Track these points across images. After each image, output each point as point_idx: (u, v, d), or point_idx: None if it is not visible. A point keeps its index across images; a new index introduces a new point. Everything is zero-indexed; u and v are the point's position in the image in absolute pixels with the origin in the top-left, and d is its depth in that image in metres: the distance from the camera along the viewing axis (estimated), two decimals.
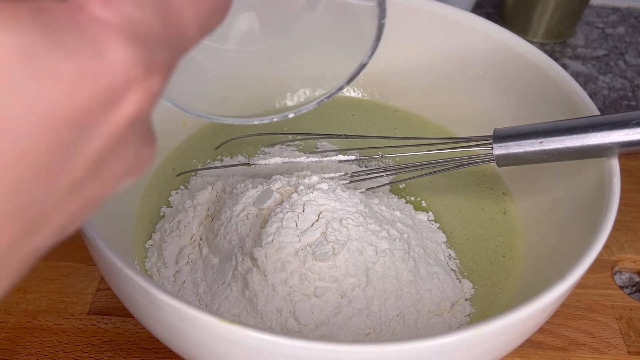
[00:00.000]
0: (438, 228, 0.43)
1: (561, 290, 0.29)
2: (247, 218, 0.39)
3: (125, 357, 0.38)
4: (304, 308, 0.34)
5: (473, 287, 0.40)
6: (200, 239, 0.40)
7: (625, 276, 0.48)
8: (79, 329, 0.40)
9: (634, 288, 0.47)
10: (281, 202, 0.39)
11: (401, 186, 0.46)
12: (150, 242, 0.41)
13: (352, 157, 0.43)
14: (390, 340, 0.35)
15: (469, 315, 0.38)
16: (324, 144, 0.50)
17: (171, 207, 0.44)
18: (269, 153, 0.48)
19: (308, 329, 0.34)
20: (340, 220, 0.37)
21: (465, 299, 0.39)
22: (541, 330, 0.41)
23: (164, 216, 0.43)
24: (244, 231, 0.38)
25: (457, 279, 0.40)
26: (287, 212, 0.37)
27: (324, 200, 0.38)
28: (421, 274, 0.38)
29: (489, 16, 0.48)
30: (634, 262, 0.47)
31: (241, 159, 0.48)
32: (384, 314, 0.35)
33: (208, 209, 0.42)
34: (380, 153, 0.49)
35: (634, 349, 0.41)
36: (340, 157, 0.43)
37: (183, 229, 0.41)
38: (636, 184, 0.52)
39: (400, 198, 0.45)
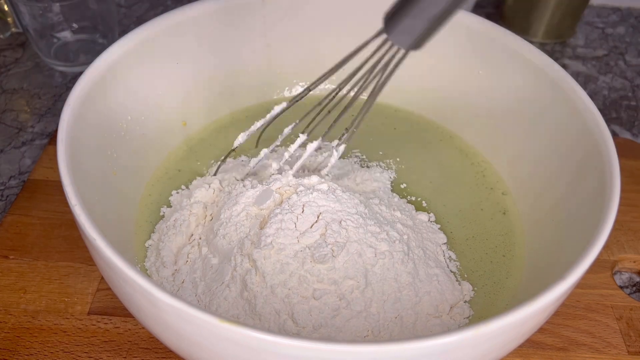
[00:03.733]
0: (439, 229, 0.43)
1: (561, 290, 0.29)
2: (247, 218, 0.39)
3: (125, 357, 0.38)
4: (302, 310, 0.34)
5: (473, 290, 0.40)
6: (200, 239, 0.40)
7: (625, 276, 0.47)
8: (79, 329, 0.40)
9: (634, 288, 0.47)
10: (281, 203, 0.39)
11: (402, 186, 0.46)
12: (149, 242, 0.41)
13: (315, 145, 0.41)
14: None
15: (467, 317, 0.38)
16: (325, 143, 0.49)
17: (171, 207, 0.44)
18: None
19: (306, 331, 0.34)
20: (340, 222, 0.37)
21: (465, 302, 0.39)
22: (541, 330, 0.41)
23: (164, 216, 0.43)
24: (244, 232, 0.38)
25: (457, 281, 0.40)
26: (286, 213, 0.37)
27: (324, 202, 0.38)
28: (420, 276, 0.38)
29: (489, 16, 0.48)
30: (634, 262, 0.47)
31: (244, 158, 0.48)
32: (383, 317, 0.35)
33: (206, 208, 0.42)
34: (381, 152, 0.49)
35: (634, 349, 0.41)
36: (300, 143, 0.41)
37: (179, 227, 0.40)
38: (636, 184, 0.52)
39: (401, 198, 0.45)
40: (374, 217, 0.39)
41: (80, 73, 0.39)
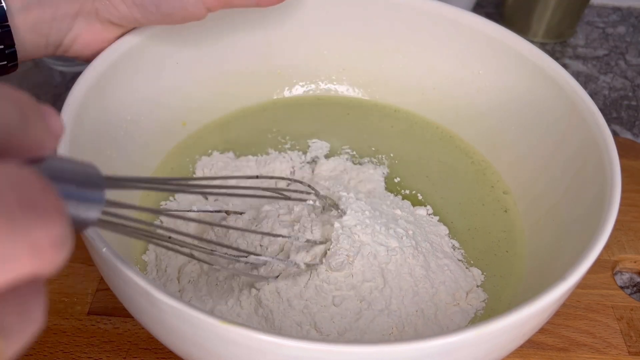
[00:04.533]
0: (438, 221, 0.43)
1: (562, 291, 0.29)
2: (242, 235, 0.38)
3: (124, 357, 0.38)
4: (324, 318, 0.34)
5: (482, 274, 0.40)
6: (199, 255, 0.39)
7: (626, 276, 0.47)
8: (78, 329, 0.40)
9: (635, 288, 0.47)
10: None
11: (396, 180, 0.46)
12: (144, 257, 0.40)
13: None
14: (413, 336, 0.35)
15: (484, 301, 0.38)
16: (315, 141, 0.49)
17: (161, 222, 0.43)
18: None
19: (331, 337, 0.34)
20: (350, 227, 0.37)
21: (478, 286, 0.39)
22: (542, 330, 0.41)
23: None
24: (245, 246, 0.38)
25: (467, 267, 0.40)
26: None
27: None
28: (432, 267, 0.38)
29: (489, 16, 0.48)
30: (635, 262, 0.47)
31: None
32: (404, 312, 0.35)
33: (198, 225, 0.41)
34: (373, 148, 0.49)
35: (635, 349, 0.41)
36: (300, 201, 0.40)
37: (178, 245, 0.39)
38: (636, 184, 0.52)
39: (396, 195, 0.45)
40: (379, 217, 0.39)
41: (80, 73, 0.39)
